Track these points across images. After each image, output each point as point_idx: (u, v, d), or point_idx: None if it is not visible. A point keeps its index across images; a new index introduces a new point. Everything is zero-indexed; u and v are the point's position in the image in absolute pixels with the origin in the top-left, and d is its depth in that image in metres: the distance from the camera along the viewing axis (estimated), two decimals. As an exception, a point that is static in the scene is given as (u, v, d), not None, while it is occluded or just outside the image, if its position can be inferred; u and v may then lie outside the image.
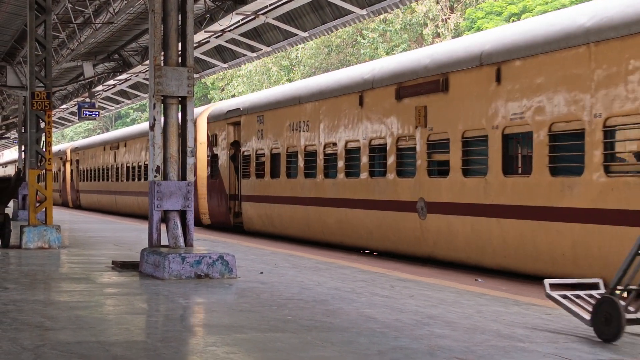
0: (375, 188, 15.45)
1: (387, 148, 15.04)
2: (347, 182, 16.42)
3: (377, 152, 15.60)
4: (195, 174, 23.54)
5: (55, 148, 55.03)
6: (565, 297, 6.49)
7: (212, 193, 23.57)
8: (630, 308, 5.95)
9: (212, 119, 23.86)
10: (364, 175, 15.85)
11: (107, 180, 37.47)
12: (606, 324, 5.98)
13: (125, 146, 34.64)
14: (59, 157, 48.54)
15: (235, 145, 22.05)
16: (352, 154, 16.36)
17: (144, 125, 33.32)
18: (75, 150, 45.46)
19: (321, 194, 17.39)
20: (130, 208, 33.91)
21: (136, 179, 32.77)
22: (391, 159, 14.93)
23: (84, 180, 42.56)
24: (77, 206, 43.66)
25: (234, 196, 22.19)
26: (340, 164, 16.59)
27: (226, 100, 26.81)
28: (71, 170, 46.01)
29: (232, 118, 22.25)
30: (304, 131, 18.18)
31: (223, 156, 22.84)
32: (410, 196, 14.27)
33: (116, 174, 35.80)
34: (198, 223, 22.37)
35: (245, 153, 21.39)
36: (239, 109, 21.70)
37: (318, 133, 17.55)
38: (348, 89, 16.53)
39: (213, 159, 23.54)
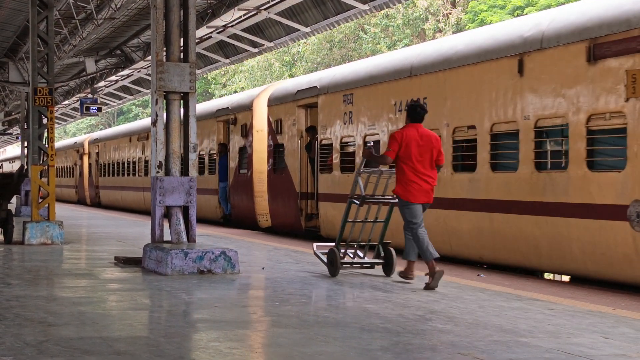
0: (545, 186, 11.22)
1: (570, 130, 10.84)
2: (495, 178, 12.12)
3: (549, 135, 11.59)
4: (250, 168, 20.19)
5: (71, 140, 51.87)
6: (322, 252, 10.35)
7: (275, 190, 19.33)
8: (346, 256, 10.20)
9: (275, 101, 19.44)
10: (525, 168, 11.56)
11: (134, 175, 32.94)
12: (331, 265, 9.96)
13: (146, 139, 30.71)
14: (74, 150, 44.21)
15: (311, 131, 17.79)
16: (502, 139, 12.17)
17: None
18: (94, 142, 40.50)
19: (449, 193, 12.96)
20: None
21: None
22: (578, 145, 10.70)
23: (104, 175, 37.85)
24: (96, 204, 38.96)
25: (307, 194, 18.03)
26: (484, 153, 12.32)
27: (293, 79, 22.67)
28: (89, 165, 41.10)
29: (305, 99, 17.95)
30: None
31: (291, 146, 18.42)
32: (615, 198, 10.14)
33: (145, 168, 31.58)
34: (253, 226, 20.78)
35: (325, 141, 16.97)
36: (316, 87, 17.39)
37: (443, 113, 13.26)
38: (496, 52, 12.38)
39: (277, 150, 19.23)
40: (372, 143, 16.01)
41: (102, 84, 33.78)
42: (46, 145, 16.24)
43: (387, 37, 46.41)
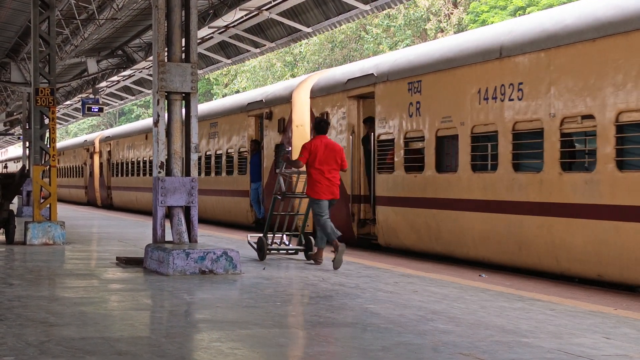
0: None
1: None
2: (623, 179, 9.93)
3: None
4: (289, 167, 18.01)
5: (80, 138, 49.38)
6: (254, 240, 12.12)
7: None
8: (271, 243, 12.08)
9: (320, 92, 17.20)
10: None
11: (151, 174, 29.84)
12: (260, 251, 11.86)
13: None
14: (84, 149, 41.71)
15: (369, 123, 15.66)
16: (631, 131, 10.01)
17: (200, 107, 27.70)
18: (106, 140, 37.95)
19: (554, 197, 10.91)
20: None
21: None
22: None
23: (117, 175, 35.37)
24: (108, 205, 36.71)
25: (360, 197, 15.74)
26: (607, 148, 10.08)
27: (341, 66, 19.79)
28: (100, 164, 38.51)
29: (358, 89, 15.66)
30: (511, 99, 11.65)
31: (341, 142, 16.04)
32: None
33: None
34: (294, 232, 17.75)
35: (384, 137, 14.75)
36: (372, 75, 15.11)
37: (546, 101, 11.10)
38: (623, 24, 10.05)
39: None
40: (289, 148, 16.10)
41: (103, 84, 33.80)
42: (48, 146, 16.25)
43: (389, 38, 46.41)
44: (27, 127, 27.51)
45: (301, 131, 18.39)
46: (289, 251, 12.43)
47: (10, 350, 5.38)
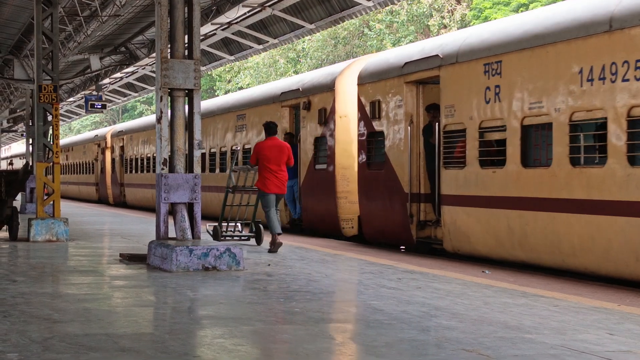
0: None
1: None
2: None
3: None
4: (331, 162, 16.64)
5: (90, 133, 47.29)
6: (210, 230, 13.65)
7: (369, 190, 15.23)
8: (225, 231, 13.68)
9: (370, 78, 15.17)
10: None
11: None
12: (215, 237, 13.35)
13: None
14: (95, 144, 39.45)
15: (432, 111, 13.80)
16: None
17: (226, 98, 25.73)
18: (118, 134, 35.87)
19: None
20: (209, 208, 25.24)
21: (217, 170, 24.04)
22: None
23: (131, 172, 33.30)
24: (121, 203, 34.55)
25: (420, 196, 13.91)
26: None
27: (394, 49, 17.99)
28: (112, 160, 36.43)
29: (419, 73, 13.76)
30: (625, 80, 9.73)
31: (396, 133, 14.19)
32: None
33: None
34: (332, 234, 16.87)
35: (452, 127, 12.84)
36: (437, 56, 13.20)
37: None
38: None
39: (372, 139, 15.08)
40: (238, 147, 15.97)
41: (106, 81, 33.82)
42: (51, 142, 16.26)
43: (392, 34, 46.38)
44: (31, 124, 27.54)
45: (345, 123, 16.68)
46: (242, 237, 13.83)
47: (14, 347, 5.39)
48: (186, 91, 10.88)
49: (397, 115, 14.28)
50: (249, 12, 21.59)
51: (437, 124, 13.25)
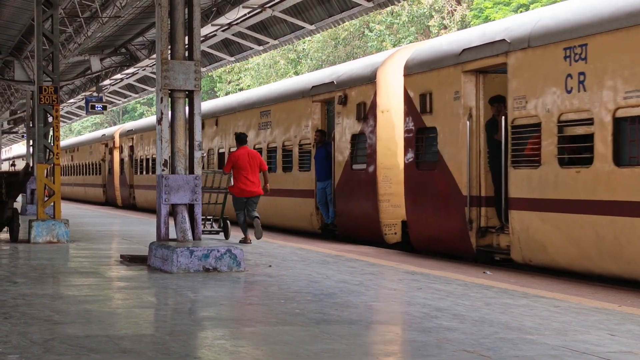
0: None
1: None
2: None
3: None
4: (372, 162, 15.18)
5: (97, 133, 45.05)
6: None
7: (419, 193, 13.51)
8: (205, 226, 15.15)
9: (419, 68, 13.51)
10: None
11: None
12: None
13: (216, 124, 23.15)
14: (102, 144, 37.50)
15: (496, 104, 12.17)
16: None
17: (248, 93, 23.92)
18: (127, 134, 34.21)
19: None
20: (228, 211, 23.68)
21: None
22: None
23: (141, 173, 31.74)
24: (130, 206, 33.06)
25: (481, 199, 12.42)
26: None
27: (447, 35, 16.35)
28: (121, 160, 34.86)
29: (480, 60, 12.15)
30: None
31: (453, 129, 12.59)
32: None
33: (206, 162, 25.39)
34: (371, 240, 15.33)
35: (522, 121, 11.29)
36: (504, 41, 11.61)
37: None
38: None
39: (422, 136, 13.45)
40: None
41: (107, 82, 33.84)
42: (52, 144, 16.26)
43: (392, 35, 46.39)
44: (31, 125, 27.56)
45: (388, 118, 15.10)
46: (212, 232, 15.50)
47: (14, 349, 5.39)
48: (187, 92, 10.88)
49: (453, 109, 12.62)
50: (249, 13, 21.59)
51: (502, 118, 11.73)
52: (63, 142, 53.20)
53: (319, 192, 16.88)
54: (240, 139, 15.07)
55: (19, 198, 25.23)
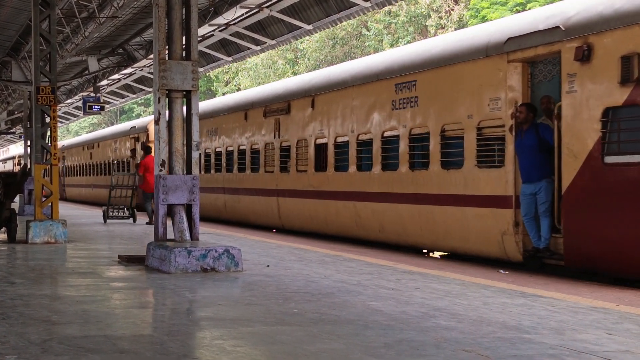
0: None
1: None
2: None
3: None
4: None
5: (124, 125, 38.31)
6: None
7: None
8: (112, 212, 22.03)
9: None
10: None
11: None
12: (103, 217, 21.86)
13: (312, 106, 17.60)
14: (131, 138, 32.37)
15: None
16: None
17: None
18: None
19: None
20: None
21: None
22: None
23: None
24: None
25: None
26: None
27: None
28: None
29: None
30: None
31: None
32: None
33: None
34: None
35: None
36: None
37: None
38: None
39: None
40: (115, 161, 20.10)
41: (104, 82, 33.83)
42: (49, 144, 16.25)
43: (390, 34, 46.39)
44: (29, 126, 27.53)
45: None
46: (123, 218, 21.68)
47: (12, 349, 5.38)
48: (184, 92, 10.87)
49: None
50: (246, 13, 21.60)
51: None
52: (75, 139, 52.43)
53: (525, 199, 11.25)
54: (147, 149, 20.77)
55: (17, 198, 25.15)
